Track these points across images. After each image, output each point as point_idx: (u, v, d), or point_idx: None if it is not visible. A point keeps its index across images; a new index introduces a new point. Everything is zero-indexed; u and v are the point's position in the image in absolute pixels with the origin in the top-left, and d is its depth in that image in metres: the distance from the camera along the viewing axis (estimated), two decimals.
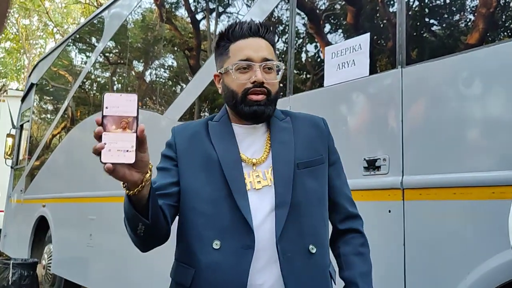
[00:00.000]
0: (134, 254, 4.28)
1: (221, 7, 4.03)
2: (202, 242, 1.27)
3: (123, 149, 1.02)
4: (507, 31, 2.05)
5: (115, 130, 1.03)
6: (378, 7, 2.56)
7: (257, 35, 1.38)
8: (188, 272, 1.28)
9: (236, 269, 1.23)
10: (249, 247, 1.24)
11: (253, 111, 1.34)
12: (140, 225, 1.17)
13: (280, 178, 1.31)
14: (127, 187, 1.12)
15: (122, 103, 1.03)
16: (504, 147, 1.89)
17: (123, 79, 5.58)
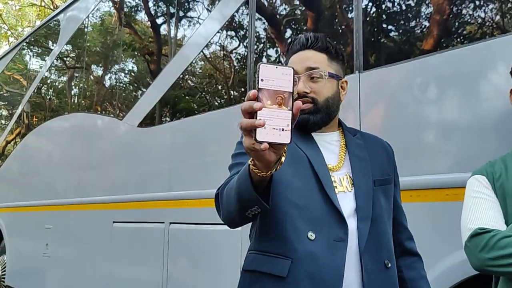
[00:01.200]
0: (93, 263, 4.19)
1: (182, 11, 4.01)
2: (298, 233, 1.26)
3: (279, 127, 0.93)
4: (460, 38, 2.13)
5: (271, 105, 0.94)
6: (336, 13, 2.60)
7: (306, 47, 1.40)
8: (283, 263, 1.25)
9: (333, 261, 1.24)
10: (342, 240, 1.26)
11: (302, 120, 1.36)
12: (255, 208, 1.14)
13: (361, 193, 1.34)
14: (257, 167, 1.05)
15: (278, 77, 0.95)
16: (457, 150, 1.95)
17: (81, 83, 5.45)
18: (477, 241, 1.37)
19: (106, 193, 4.15)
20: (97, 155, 4.49)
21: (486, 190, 1.50)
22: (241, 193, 1.13)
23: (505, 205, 1.45)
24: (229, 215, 1.24)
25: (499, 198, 1.47)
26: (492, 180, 1.50)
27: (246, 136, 0.96)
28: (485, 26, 2.06)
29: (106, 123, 4.55)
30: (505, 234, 1.33)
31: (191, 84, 3.90)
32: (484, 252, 1.34)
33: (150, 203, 3.60)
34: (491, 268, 1.34)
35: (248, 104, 0.93)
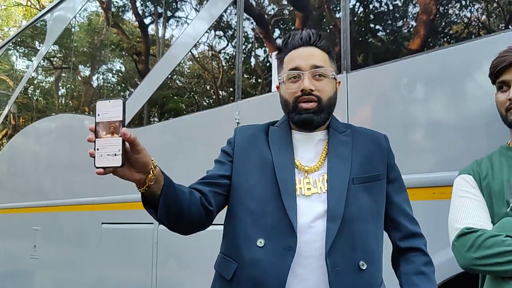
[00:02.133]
0: (81, 264, 4.17)
1: (169, 11, 3.99)
2: (248, 239, 1.30)
3: (112, 153, 1.06)
4: (446, 37, 2.15)
5: (105, 135, 1.07)
6: (324, 13, 2.61)
7: (308, 44, 1.39)
8: (231, 266, 1.32)
9: (276, 268, 1.25)
10: (290, 249, 1.25)
11: (303, 119, 1.36)
12: (154, 217, 1.23)
13: (333, 192, 1.31)
14: (136, 185, 1.18)
15: (110, 109, 1.07)
16: (444, 149, 1.97)
17: (68, 83, 5.41)
18: (464, 240, 1.39)
19: (95, 194, 4.12)
20: (85, 156, 4.41)
21: (473, 190, 1.51)
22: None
23: (491, 204, 1.46)
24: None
25: (485, 197, 1.48)
26: (479, 179, 1.52)
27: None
28: (471, 26, 2.08)
29: None
30: (491, 234, 1.35)
31: (179, 84, 3.89)
32: (471, 252, 1.36)
33: (139, 204, 3.54)
34: (478, 267, 1.36)
35: (87, 137, 1.09)
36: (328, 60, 1.41)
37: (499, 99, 1.54)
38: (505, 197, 1.43)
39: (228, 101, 3.12)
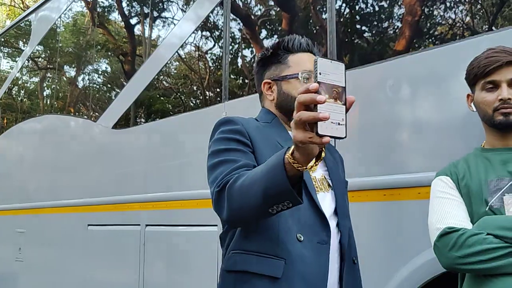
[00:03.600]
0: (67, 267, 4.13)
1: (156, 12, 3.97)
2: (289, 233, 1.26)
3: (336, 121, 0.92)
4: (431, 38, 2.17)
5: (328, 99, 0.93)
6: (310, 14, 2.62)
7: (311, 51, 1.48)
8: (276, 264, 1.24)
9: (318, 263, 1.26)
10: (325, 243, 1.29)
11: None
12: (285, 203, 1.10)
13: (339, 192, 1.40)
14: (298, 162, 1.02)
15: (333, 71, 0.95)
16: (429, 149, 1.99)
17: (53, 84, 5.35)
18: (446, 240, 1.40)
19: (80, 196, 4.09)
20: (70, 157, 4.42)
21: (451, 190, 1.53)
22: (271, 188, 1.07)
23: (470, 204, 1.49)
24: (241, 212, 1.17)
25: (463, 197, 1.51)
26: (457, 180, 1.54)
27: (299, 129, 0.94)
28: (456, 28, 2.10)
29: (80, 125, 4.48)
30: (472, 232, 1.37)
31: (166, 85, 3.88)
32: (454, 251, 1.37)
33: (125, 206, 3.56)
34: (461, 266, 1.38)
35: (310, 97, 0.92)
36: None
37: (485, 99, 1.54)
38: (484, 197, 1.46)
39: (215, 101, 3.12)
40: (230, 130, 1.35)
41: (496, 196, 1.44)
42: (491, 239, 1.33)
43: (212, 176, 1.28)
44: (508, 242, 1.32)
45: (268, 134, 1.38)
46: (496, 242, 1.33)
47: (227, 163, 1.26)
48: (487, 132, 1.59)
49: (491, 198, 1.45)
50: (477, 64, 1.56)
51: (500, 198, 1.44)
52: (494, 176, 1.48)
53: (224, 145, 1.32)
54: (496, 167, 1.50)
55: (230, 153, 1.29)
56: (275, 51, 1.48)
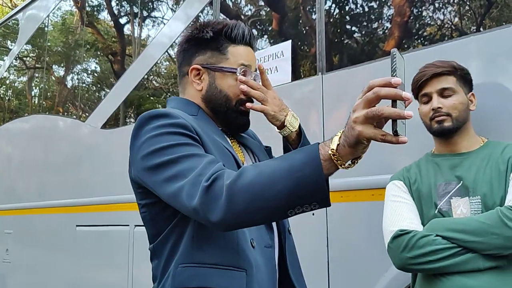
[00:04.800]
0: (56, 268, 4.09)
1: (145, 11, 3.96)
2: (246, 240, 1.15)
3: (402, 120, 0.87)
4: (420, 39, 2.18)
5: None
6: (300, 14, 2.62)
7: (252, 45, 1.33)
8: (239, 276, 1.12)
9: (268, 269, 1.19)
10: (270, 246, 1.22)
11: (245, 122, 1.31)
12: (313, 205, 0.96)
13: None
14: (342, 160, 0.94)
15: (400, 66, 0.89)
16: (417, 149, 2.00)
17: (41, 84, 5.31)
18: (399, 242, 1.49)
19: (69, 197, 4.06)
20: (59, 157, 4.38)
21: (404, 194, 1.63)
22: (302, 187, 0.94)
23: (421, 207, 1.59)
24: (248, 214, 0.99)
25: (415, 201, 1.61)
26: (409, 184, 1.65)
27: (369, 125, 0.87)
28: (444, 28, 2.12)
29: (68, 124, 4.45)
30: (423, 234, 1.46)
31: (156, 85, 3.86)
32: (405, 252, 1.46)
33: (114, 206, 3.54)
34: (412, 266, 1.47)
35: (395, 92, 0.85)
36: None
37: (422, 110, 1.66)
38: (433, 200, 1.56)
39: None
40: (171, 124, 1.13)
41: (445, 200, 1.54)
42: (440, 240, 1.43)
43: (171, 172, 1.06)
44: (455, 243, 1.41)
45: (206, 131, 1.20)
46: (444, 243, 1.42)
47: (193, 158, 1.07)
48: (434, 139, 1.70)
49: (440, 201, 1.55)
50: (412, 80, 1.68)
51: (448, 201, 1.54)
52: (443, 180, 1.58)
53: (172, 140, 1.10)
54: (445, 171, 1.60)
55: (188, 148, 1.10)
56: (215, 35, 1.28)
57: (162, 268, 1.20)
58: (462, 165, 1.58)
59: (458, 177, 1.56)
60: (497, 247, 1.37)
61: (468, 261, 1.40)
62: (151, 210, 1.21)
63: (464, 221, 1.45)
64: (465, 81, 1.66)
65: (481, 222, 1.40)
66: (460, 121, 1.60)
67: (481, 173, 1.52)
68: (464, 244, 1.40)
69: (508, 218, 1.35)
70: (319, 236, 2.22)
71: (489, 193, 1.48)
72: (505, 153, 1.53)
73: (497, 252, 1.38)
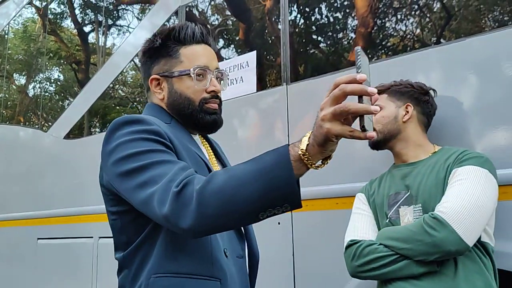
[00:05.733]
0: (17, 282, 3.95)
1: (110, 20, 3.91)
2: (220, 250, 1.14)
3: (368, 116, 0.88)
4: (384, 49, 2.22)
5: None
6: (266, 24, 2.64)
7: (207, 42, 1.30)
8: (213, 285, 1.11)
9: (241, 278, 1.19)
10: (242, 256, 1.22)
11: (214, 120, 1.27)
12: (283, 208, 0.95)
13: None
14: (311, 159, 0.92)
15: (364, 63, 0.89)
16: (382, 158, 2.03)
17: (1, 92, 5.16)
18: (349, 251, 1.58)
19: (30, 208, 3.94)
20: (20, 168, 4.26)
21: (363, 206, 1.71)
22: (272, 189, 0.92)
23: (377, 218, 1.66)
24: (219, 219, 0.97)
25: (373, 212, 1.68)
26: (368, 196, 1.73)
27: (337, 121, 0.86)
28: (407, 39, 2.16)
29: (30, 135, 4.33)
30: (368, 243, 1.54)
31: (122, 94, 3.81)
32: (354, 261, 1.55)
33: (77, 218, 3.45)
34: (360, 274, 1.55)
35: (360, 88, 0.84)
36: None
37: None
38: (384, 210, 1.63)
39: None
40: (145, 130, 1.12)
41: (393, 209, 1.61)
42: (381, 248, 1.50)
43: (142, 178, 1.04)
44: (393, 250, 1.48)
45: (179, 138, 1.20)
46: (385, 251, 1.49)
47: (165, 164, 1.05)
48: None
49: (390, 210, 1.62)
50: None
51: (396, 211, 1.60)
52: (394, 190, 1.64)
53: (145, 146, 1.09)
54: (397, 181, 1.66)
55: (160, 154, 1.08)
56: (164, 42, 1.27)
57: (132, 278, 1.16)
58: (411, 174, 1.63)
59: (406, 186, 1.61)
60: (422, 253, 1.42)
61: (403, 268, 1.46)
62: (122, 218, 1.19)
63: (399, 229, 1.52)
64: (400, 95, 1.72)
65: (409, 230, 1.47)
66: (386, 134, 1.69)
67: (424, 181, 1.57)
68: (398, 251, 1.47)
69: (428, 226, 1.41)
70: (285, 245, 2.22)
71: (428, 201, 1.53)
72: (448, 160, 1.56)
73: (423, 258, 1.43)
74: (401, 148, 1.70)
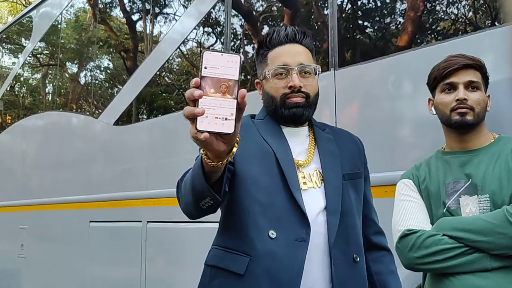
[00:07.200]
0: (69, 263, 4.14)
1: (157, 8, 3.97)
2: (259, 231, 1.26)
3: (222, 116, 0.90)
4: (434, 34, 2.16)
5: (214, 94, 0.91)
6: (312, 9, 2.61)
7: (294, 41, 1.41)
8: (241, 260, 1.26)
9: (292, 261, 1.24)
10: (303, 240, 1.26)
11: (293, 113, 1.37)
12: (208, 199, 1.12)
13: (330, 186, 1.35)
14: (208, 157, 1.02)
15: (223, 64, 0.92)
16: (433, 144, 1.98)
17: (55, 81, 5.36)
18: (406, 241, 1.49)
19: (82, 193, 4.10)
20: (72, 154, 4.42)
21: (412, 193, 1.62)
22: (194, 184, 1.10)
23: (430, 206, 1.58)
24: (186, 206, 1.22)
25: (424, 199, 1.59)
26: (418, 183, 1.63)
27: (191, 124, 0.92)
28: (458, 23, 2.09)
29: (82, 121, 4.49)
30: (429, 234, 1.46)
31: (168, 81, 3.88)
32: (412, 252, 1.46)
33: (127, 202, 3.56)
34: (419, 266, 1.48)
35: (190, 92, 0.90)
36: (312, 57, 1.44)
37: (443, 100, 1.60)
38: (442, 199, 1.54)
39: None
40: None
41: (453, 198, 1.52)
42: (446, 240, 1.42)
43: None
44: (461, 242, 1.40)
45: (253, 130, 1.39)
46: (451, 242, 1.41)
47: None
48: (446, 134, 1.66)
49: (449, 200, 1.53)
50: (437, 68, 1.63)
51: (456, 200, 1.52)
52: (452, 179, 1.55)
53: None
54: (454, 169, 1.57)
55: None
56: (258, 49, 1.47)
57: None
58: (472, 162, 1.55)
59: (467, 175, 1.53)
60: (504, 246, 1.35)
61: (475, 261, 1.39)
62: None
63: (470, 220, 1.43)
64: (485, 81, 1.63)
65: (487, 221, 1.38)
66: (479, 118, 1.56)
67: (490, 171, 1.49)
68: (470, 244, 1.39)
69: None
70: None
71: (498, 191, 1.45)
72: None
73: (504, 252, 1.36)
74: (474, 135, 1.58)
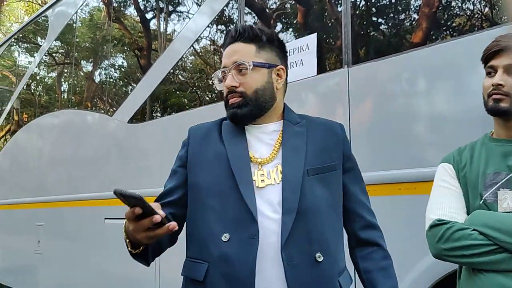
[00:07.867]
0: (85, 259, 4.19)
1: (171, 6, 3.98)
2: (213, 237, 1.29)
3: None
4: (449, 30, 2.14)
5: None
6: (325, 7, 2.60)
7: (235, 40, 1.39)
8: (201, 267, 1.30)
9: (244, 258, 1.23)
10: (254, 237, 1.24)
11: (231, 114, 1.38)
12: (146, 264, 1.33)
13: (287, 183, 1.29)
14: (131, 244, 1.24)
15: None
16: (446, 142, 1.97)
17: (70, 79, 5.41)
18: (435, 231, 1.43)
19: (98, 190, 4.14)
20: (88, 151, 4.47)
21: (451, 180, 1.52)
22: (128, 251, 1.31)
23: (467, 195, 1.48)
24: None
25: (462, 187, 1.50)
26: (458, 169, 1.52)
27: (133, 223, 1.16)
28: (473, 19, 2.07)
29: (96, 119, 4.53)
30: (460, 227, 1.39)
31: (181, 79, 3.89)
32: (441, 243, 1.41)
33: None
34: (447, 258, 1.42)
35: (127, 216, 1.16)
36: (255, 50, 1.37)
37: (484, 84, 1.51)
38: (479, 190, 1.44)
39: None
40: (182, 143, 1.54)
41: (491, 191, 1.42)
42: (476, 235, 1.35)
43: None
44: (491, 240, 1.33)
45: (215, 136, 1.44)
46: (480, 239, 1.34)
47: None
48: (494, 120, 1.54)
49: (486, 192, 1.43)
50: (485, 49, 1.53)
51: (494, 193, 1.42)
52: (492, 169, 1.45)
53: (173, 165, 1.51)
54: (496, 159, 1.46)
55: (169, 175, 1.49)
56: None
57: None
58: None
59: (509, 166, 1.42)
60: None
61: (502, 261, 1.32)
62: None
63: (502, 218, 1.35)
64: None
65: None
66: None
67: None
68: (499, 243, 1.32)
69: None
70: None
71: None
72: None
73: None
74: None
